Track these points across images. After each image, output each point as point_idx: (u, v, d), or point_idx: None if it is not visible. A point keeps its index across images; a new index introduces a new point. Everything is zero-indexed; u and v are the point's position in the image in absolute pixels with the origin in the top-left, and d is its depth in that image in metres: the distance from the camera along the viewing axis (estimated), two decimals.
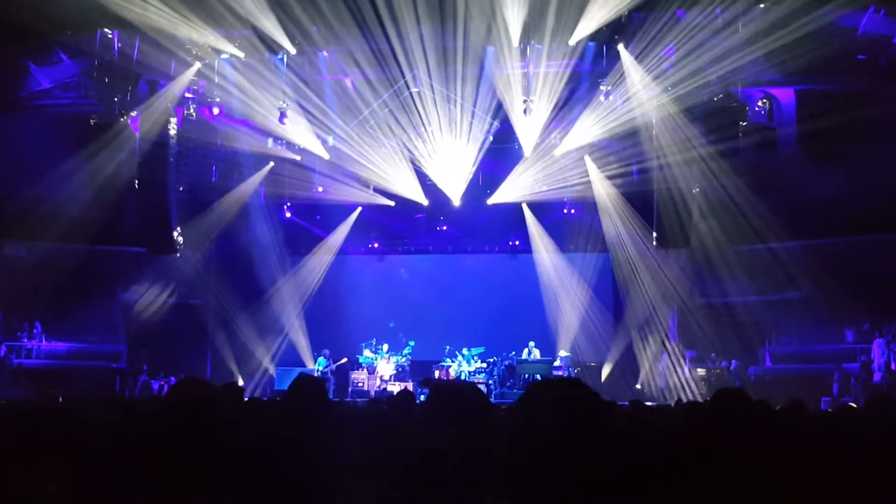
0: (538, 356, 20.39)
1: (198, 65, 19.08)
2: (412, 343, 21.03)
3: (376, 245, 24.25)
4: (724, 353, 19.33)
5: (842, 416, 4.73)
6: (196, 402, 2.26)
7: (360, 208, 23.31)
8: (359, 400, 16.92)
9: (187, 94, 19.70)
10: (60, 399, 7.51)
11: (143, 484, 1.84)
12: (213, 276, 21.29)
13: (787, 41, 15.84)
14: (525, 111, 18.60)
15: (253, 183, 22.14)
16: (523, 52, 18.35)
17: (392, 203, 22.84)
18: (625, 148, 20.20)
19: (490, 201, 22.37)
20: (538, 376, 19.46)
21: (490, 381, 20.19)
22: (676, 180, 18.74)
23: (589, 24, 17.50)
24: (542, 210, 22.57)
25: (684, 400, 16.69)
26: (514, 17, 17.40)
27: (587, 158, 21.02)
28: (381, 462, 2.37)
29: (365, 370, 20.68)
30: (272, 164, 22.22)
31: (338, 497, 2.63)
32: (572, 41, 18.00)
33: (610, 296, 21.58)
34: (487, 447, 2.28)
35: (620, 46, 18.39)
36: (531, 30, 17.82)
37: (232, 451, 2.27)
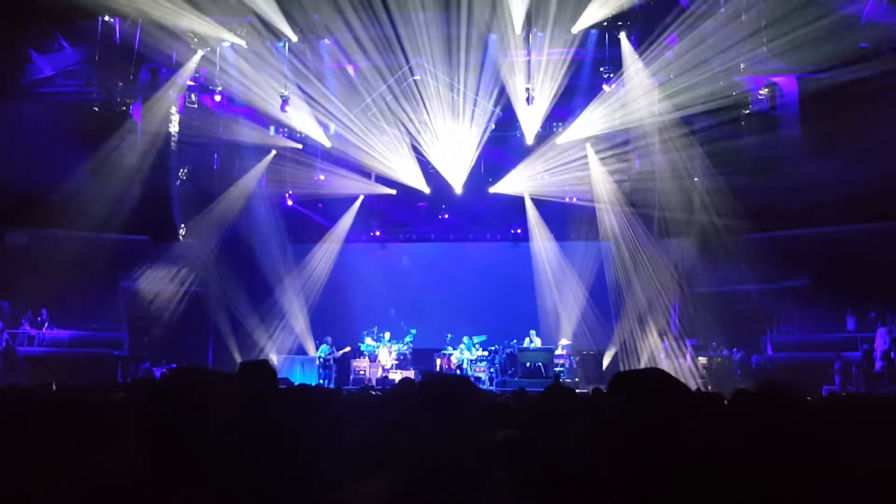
0: (539, 344, 20.38)
1: (200, 53, 19.08)
2: (414, 331, 21.05)
3: (378, 233, 24.24)
4: (725, 342, 19.33)
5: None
6: (188, 388, 2.27)
7: (362, 196, 23.29)
8: (356, 388, 16.99)
9: (189, 82, 19.71)
10: (54, 387, 7.52)
11: (130, 472, 1.85)
12: (215, 264, 21.27)
13: (789, 29, 15.79)
14: (528, 99, 18.56)
15: (255, 171, 22.14)
16: (526, 40, 18.31)
17: (394, 191, 22.82)
18: (627, 137, 20.17)
19: (492, 190, 22.35)
20: (540, 364, 19.52)
21: (491, 370, 20.22)
22: (678, 169, 18.73)
23: (592, 13, 17.52)
24: (544, 199, 22.52)
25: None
26: (516, 5, 17.37)
27: (589, 148, 20.99)
28: (361, 449, 2.38)
29: (366, 358, 20.71)
30: (274, 152, 22.23)
31: (313, 484, 2.64)
32: (575, 29, 17.98)
33: (611, 284, 21.54)
34: (473, 436, 2.30)
35: (622, 35, 18.40)
36: (534, 17, 17.79)
37: (214, 441, 2.28)
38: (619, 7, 17.46)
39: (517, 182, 22.08)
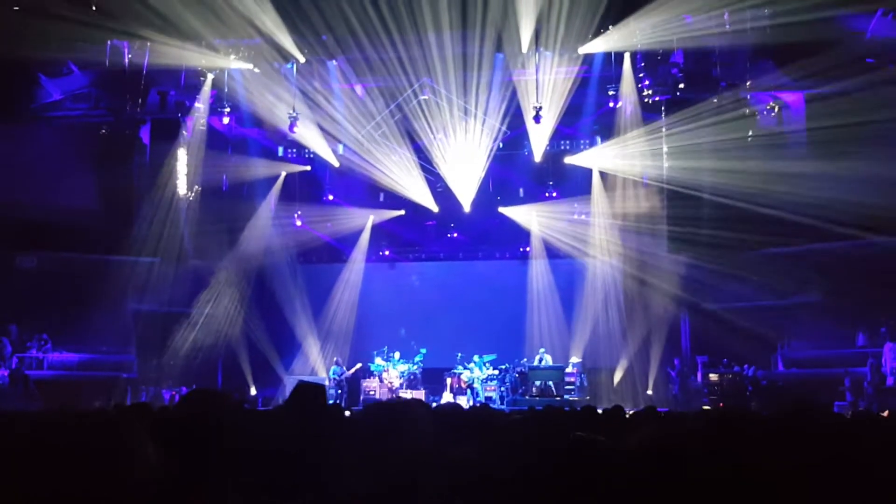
0: (550, 362, 20.27)
1: (210, 76, 19.22)
2: (423, 350, 20.97)
3: (387, 252, 24.20)
4: (735, 358, 19.24)
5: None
6: (206, 412, 2.26)
7: (371, 217, 23.32)
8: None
9: (198, 104, 19.81)
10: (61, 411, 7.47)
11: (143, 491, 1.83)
12: (224, 285, 21.28)
13: (795, 45, 15.82)
14: (536, 117, 18.56)
15: (264, 192, 22.22)
16: (533, 59, 18.39)
17: (402, 211, 22.87)
18: (634, 153, 20.17)
19: (501, 209, 22.42)
20: (550, 383, 19.42)
21: (502, 388, 20.10)
22: (687, 185, 18.71)
23: (600, 44, 17.74)
24: (552, 218, 22.51)
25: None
26: (524, 25, 17.46)
27: (595, 169, 21.06)
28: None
29: (377, 378, 20.64)
30: (284, 173, 22.31)
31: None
32: (583, 50, 18.11)
33: (621, 301, 21.46)
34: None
35: (626, 55, 18.54)
36: (541, 37, 17.89)
37: (235, 460, 2.26)
38: (629, 43, 17.71)
39: (526, 213, 22.30)
